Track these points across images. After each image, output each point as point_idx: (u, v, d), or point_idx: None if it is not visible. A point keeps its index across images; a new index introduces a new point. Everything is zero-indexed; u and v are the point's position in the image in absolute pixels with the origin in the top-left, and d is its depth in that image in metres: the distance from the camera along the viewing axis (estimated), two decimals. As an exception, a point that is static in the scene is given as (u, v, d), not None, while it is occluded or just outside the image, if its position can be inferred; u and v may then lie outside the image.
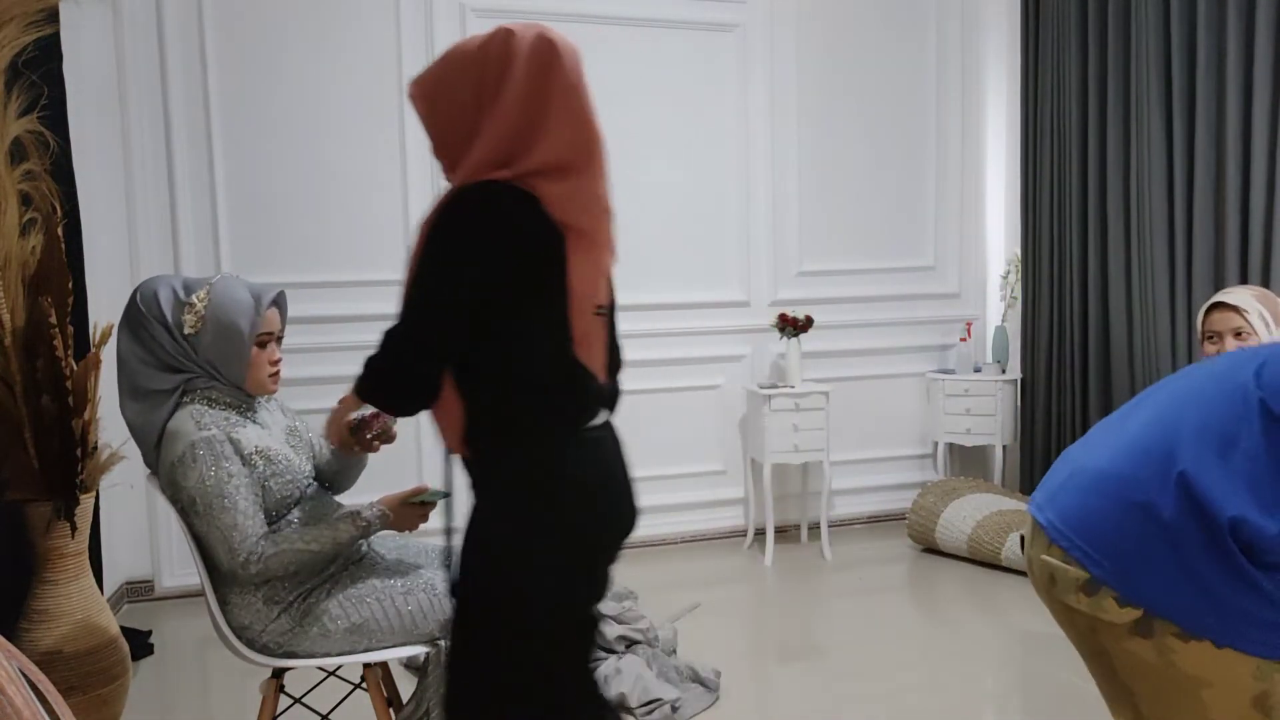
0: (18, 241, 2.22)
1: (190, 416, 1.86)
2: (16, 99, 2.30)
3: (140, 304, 1.90)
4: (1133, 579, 1.32)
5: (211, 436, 1.83)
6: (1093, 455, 1.46)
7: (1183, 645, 1.29)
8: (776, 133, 4.41)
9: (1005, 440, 4.44)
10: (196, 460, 1.81)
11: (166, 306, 1.89)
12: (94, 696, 2.20)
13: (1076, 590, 1.38)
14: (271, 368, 1.97)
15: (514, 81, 1.40)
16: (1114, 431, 1.47)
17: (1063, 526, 1.41)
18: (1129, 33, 3.92)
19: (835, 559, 4.13)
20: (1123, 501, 1.35)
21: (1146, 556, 1.31)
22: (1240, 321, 2.66)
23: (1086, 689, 2.76)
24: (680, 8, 4.23)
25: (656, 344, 4.29)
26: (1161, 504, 1.31)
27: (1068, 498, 1.43)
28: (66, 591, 2.24)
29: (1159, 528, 1.30)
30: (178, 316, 1.89)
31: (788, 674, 3.01)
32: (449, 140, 1.47)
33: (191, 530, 1.87)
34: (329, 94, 3.80)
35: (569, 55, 1.44)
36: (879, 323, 4.62)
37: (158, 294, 1.90)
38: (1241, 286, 3.03)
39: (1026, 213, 4.50)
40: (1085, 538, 1.37)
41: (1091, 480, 1.41)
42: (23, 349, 2.18)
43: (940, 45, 4.62)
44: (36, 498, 2.20)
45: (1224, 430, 1.31)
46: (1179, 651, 1.30)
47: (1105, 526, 1.36)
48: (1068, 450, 1.56)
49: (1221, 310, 2.70)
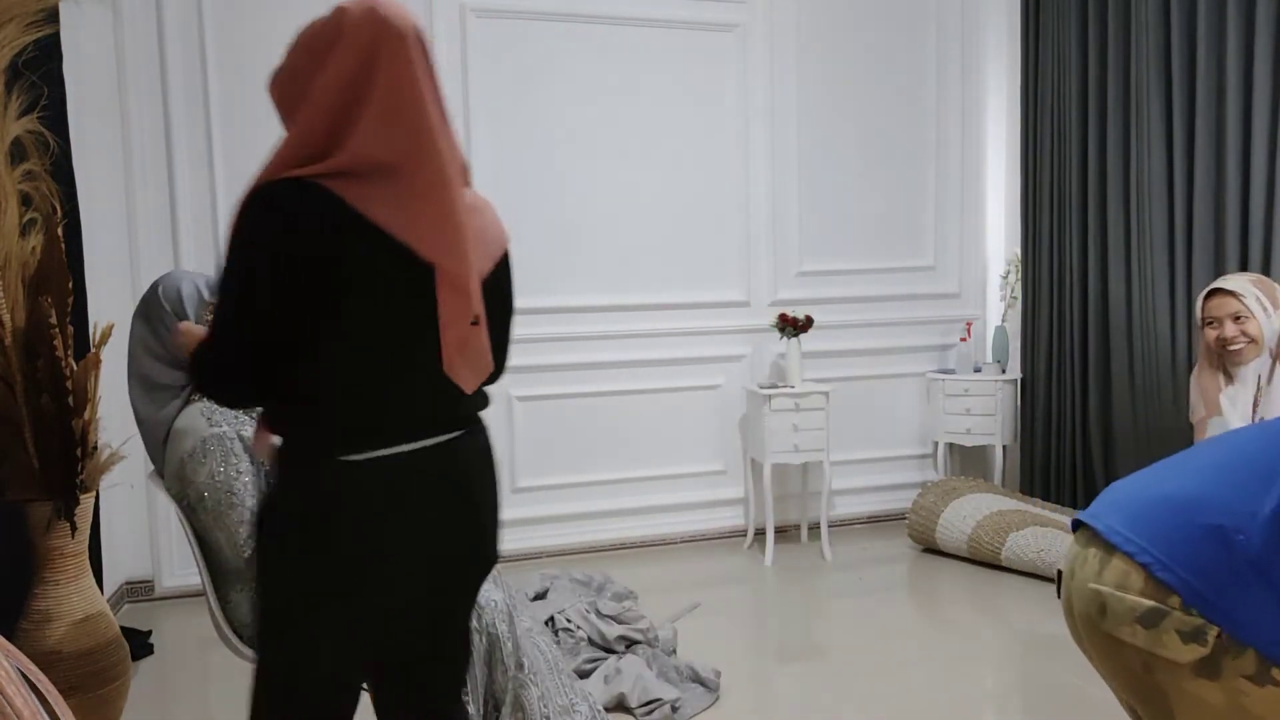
0: (18, 241, 2.22)
1: (200, 413, 1.86)
2: (16, 99, 2.30)
3: (162, 297, 1.90)
4: (1211, 591, 1.17)
5: (222, 433, 1.84)
6: (1156, 478, 1.32)
7: (1256, 689, 1.15)
8: (776, 133, 4.41)
9: (1005, 440, 4.44)
10: (207, 456, 1.82)
11: (190, 303, 1.89)
12: (94, 696, 2.20)
13: (1132, 622, 1.22)
14: None
15: (331, 65, 1.25)
16: (1181, 458, 1.35)
17: (1128, 531, 1.25)
18: (1129, 33, 3.92)
19: (835, 559, 4.13)
20: (1209, 508, 1.21)
21: (1232, 566, 1.17)
22: (1238, 306, 2.69)
23: (1086, 689, 2.76)
24: (680, 8, 4.23)
25: (657, 344, 4.29)
26: (1258, 513, 1.17)
27: (1134, 507, 1.29)
28: (66, 591, 2.24)
29: (1254, 536, 1.17)
30: (200, 314, 1.89)
31: (788, 674, 3.01)
32: None
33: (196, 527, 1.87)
34: (329, 94, 3.79)
35: (400, 39, 1.26)
36: (879, 323, 4.62)
37: (180, 289, 1.90)
38: (1238, 274, 3.05)
39: (1026, 213, 4.50)
40: (1157, 542, 1.22)
41: (1164, 493, 1.27)
42: (23, 349, 2.18)
43: (940, 45, 4.62)
44: (36, 498, 2.20)
45: None
46: (1252, 695, 1.15)
47: (1184, 532, 1.21)
48: (1116, 483, 1.41)
49: (1219, 296, 2.73)
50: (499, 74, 4.02)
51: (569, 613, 3.08)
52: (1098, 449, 4.19)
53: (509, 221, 1.54)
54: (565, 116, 4.12)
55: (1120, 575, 1.25)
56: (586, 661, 2.85)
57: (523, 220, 4.01)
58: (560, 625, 3.03)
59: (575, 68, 4.12)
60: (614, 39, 4.16)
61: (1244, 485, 1.21)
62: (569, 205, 4.14)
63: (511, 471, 4.12)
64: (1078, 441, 4.27)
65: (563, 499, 4.19)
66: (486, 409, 1.47)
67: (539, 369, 4.12)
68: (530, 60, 4.06)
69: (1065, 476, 4.32)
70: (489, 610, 2.09)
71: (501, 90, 4.03)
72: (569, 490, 4.20)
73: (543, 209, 4.11)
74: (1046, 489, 4.41)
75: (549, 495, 4.18)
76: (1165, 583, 1.20)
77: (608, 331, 4.22)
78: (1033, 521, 3.82)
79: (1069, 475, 4.31)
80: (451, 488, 1.37)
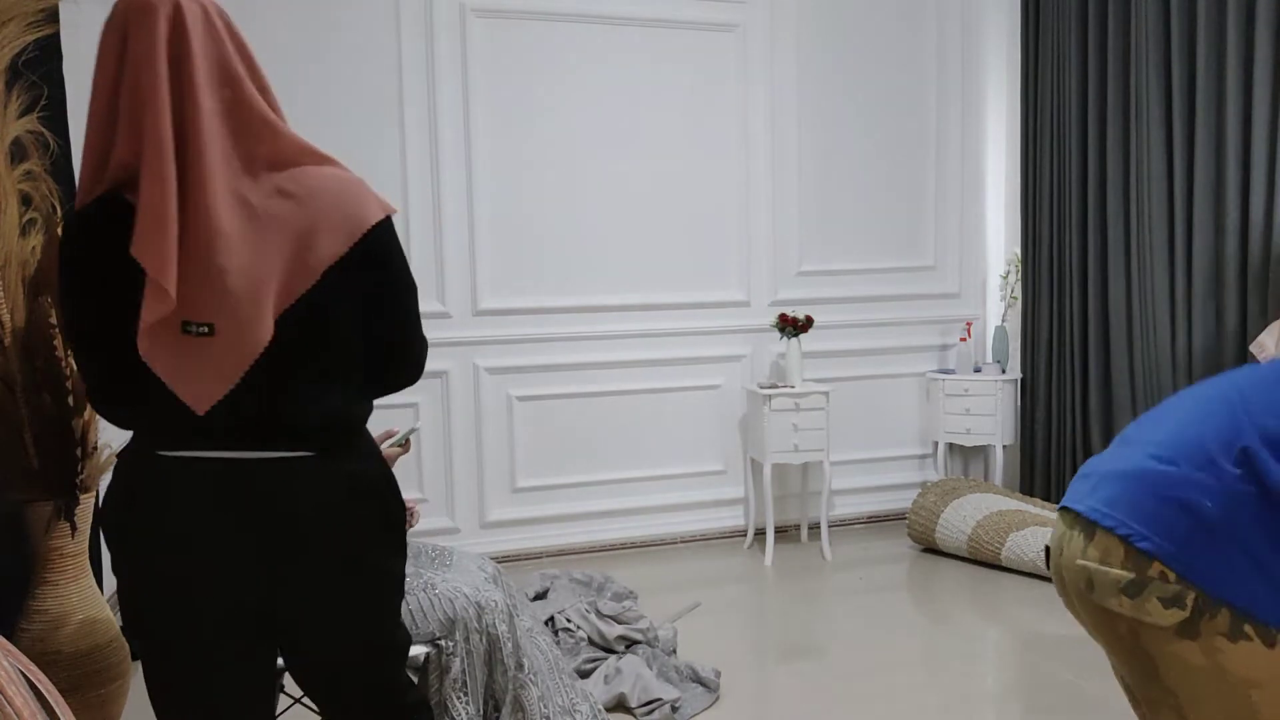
0: (18, 241, 2.22)
1: None
2: (16, 99, 2.30)
3: None
4: (1186, 554, 1.28)
5: None
6: (1124, 457, 1.42)
7: (1231, 646, 1.26)
8: (776, 132, 4.41)
9: (1005, 440, 4.44)
10: None
11: None
12: (94, 696, 2.20)
13: (1118, 593, 1.33)
14: None
15: (96, 66, 1.22)
16: (1146, 429, 1.44)
17: (1107, 509, 1.36)
18: (1129, 33, 3.92)
19: (835, 559, 4.13)
20: (1174, 482, 1.32)
21: (1203, 532, 1.28)
22: None
23: (1087, 689, 2.76)
24: (680, 8, 4.23)
25: (657, 344, 4.29)
26: (1218, 482, 1.28)
27: (1109, 488, 1.38)
28: (66, 591, 2.24)
29: (1216, 504, 1.28)
30: None
31: (788, 674, 3.01)
32: None
33: None
34: (328, 94, 3.80)
35: (135, 20, 1.21)
36: (879, 323, 4.62)
37: None
38: None
39: (1026, 213, 4.50)
40: (1134, 516, 1.32)
41: (1134, 470, 1.37)
42: (23, 349, 2.18)
43: (940, 45, 4.62)
44: (36, 498, 2.20)
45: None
46: (1227, 652, 1.27)
47: (1155, 505, 1.32)
48: (1089, 462, 1.51)
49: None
50: (499, 74, 4.02)
51: (569, 613, 3.08)
52: (1098, 449, 4.19)
53: (509, 221, 1.53)
54: (565, 116, 4.12)
55: (1103, 550, 1.35)
56: (586, 661, 2.85)
57: (523, 220, 4.01)
58: (560, 625, 3.03)
59: (575, 68, 4.12)
60: (614, 39, 4.16)
61: (1206, 454, 1.31)
62: (568, 205, 4.14)
63: (512, 471, 4.12)
64: (1078, 441, 4.27)
65: (563, 499, 4.19)
66: (319, 435, 1.32)
67: (539, 369, 4.12)
68: (530, 60, 4.06)
69: (1065, 477, 4.32)
70: (489, 610, 2.09)
71: (501, 90, 4.03)
72: (569, 490, 4.20)
73: (542, 209, 4.10)
74: (1046, 489, 4.41)
75: (549, 495, 4.18)
76: (1145, 551, 1.30)
77: (608, 331, 4.22)
78: (1033, 521, 3.82)
79: (1069, 475, 4.31)
80: (231, 507, 1.28)
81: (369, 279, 1.33)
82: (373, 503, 1.37)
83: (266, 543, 1.30)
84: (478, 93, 3.99)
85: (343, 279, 1.29)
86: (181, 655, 1.33)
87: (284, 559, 1.31)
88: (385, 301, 1.37)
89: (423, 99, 3.91)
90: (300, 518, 1.30)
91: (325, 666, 1.42)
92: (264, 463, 1.28)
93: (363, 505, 1.36)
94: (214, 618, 1.31)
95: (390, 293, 1.37)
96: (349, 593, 1.36)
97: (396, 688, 1.48)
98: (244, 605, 1.32)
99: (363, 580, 1.37)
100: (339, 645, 1.40)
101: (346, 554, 1.34)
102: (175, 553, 1.29)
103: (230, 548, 1.29)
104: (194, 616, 1.31)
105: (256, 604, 1.33)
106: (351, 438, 1.37)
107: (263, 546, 1.30)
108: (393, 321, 1.39)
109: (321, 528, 1.32)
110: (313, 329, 1.28)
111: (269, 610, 1.34)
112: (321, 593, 1.34)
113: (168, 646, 1.33)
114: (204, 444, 1.27)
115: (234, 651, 1.34)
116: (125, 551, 1.32)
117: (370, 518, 1.37)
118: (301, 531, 1.31)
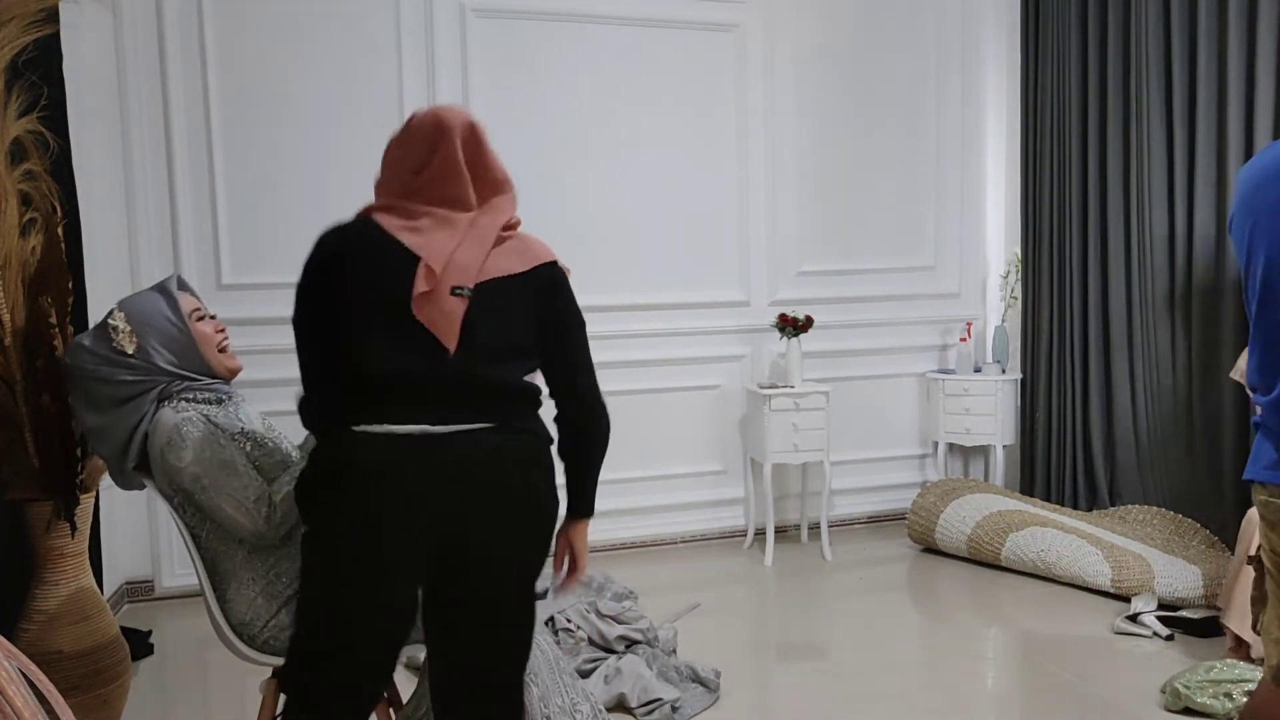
0: (18, 241, 2.22)
1: (169, 409, 1.88)
2: (16, 99, 2.30)
3: (79, 363, 1.89)
4: None
5: (191, 416, 1.86)
6: None
7: None
8: (776, 133, 4.41)
9: (1005, 440, 4.44)
10: (185, 437, 1.83)
11: (98, 346, 1.89)
12: (94, 696, 2.20)
13: None
14: (220, 338, 2.02)
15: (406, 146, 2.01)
16: None
17: (1253, 466, 1.67)
18: (1129, 33, 3.92)
19: (835, 559, 4.13)
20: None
21: None
22: None
23: (1087, 689, 2.77)
24: (680, 8, 4.23)
25: (656, 344, 4.29)
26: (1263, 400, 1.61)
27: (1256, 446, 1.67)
28: (66, 591, 2.24)
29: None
30: (114, 344, 1.89)
31: (788, 674, 3.01)
32: None
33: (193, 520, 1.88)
34: (328, 94, 3.80)
35: (450, 131, 1.89)
36: (879, 323, 4.62)
37: (82, 345, 1.90)
38: None
39: (1026, 213, 4.50)
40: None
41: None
42: (23, 349, 2.18)
43: (940, 45, 4.62)
44: (36, 498, 2.20)
45: None
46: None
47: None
48: None
49: None
50: (498, 74, 4.02)
51: (569, 613, 3.08)
52: (1098, 449, 4.19)
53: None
54: (564, 116, 4.12)
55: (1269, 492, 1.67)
56: (586, 661, 2.85)
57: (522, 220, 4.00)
58: (560, 625, 3.03)
59: (575, 68, 4.12)
60: (613, 39, 4.16)
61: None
62: (568, 205, 4.14)
63: (511, 471, 4.12)
64: (1078, 441, 4.27)
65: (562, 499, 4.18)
66: (513, 415, 1.78)
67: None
68: (530, 60, 4.06)
69: (1065, 476, 4.33)
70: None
71: (501, 90, 4.03)
72: (569, 490, 4.19)
73: (542, 209, 4.09)
74: (1047, 489, 4.41)
75: (549, 495, 4.17)
76: None
77: (607, 331, 4.21)
78: (1033, 521, 3.82)
79: (1069, 475, 4.31)
80: (433, 465, 1.59)
81: (504, 298, 1.93)
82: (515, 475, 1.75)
83: (452, 502, 1.62)
84: (477, 93, 3.99)
85: (493, 290, 1.91)
86: (364, 574, 1.57)
87: (482, 504, 1.66)
88: (510, 319, 1.97)
89: (423, 99, 3.91)
90: (481, 489, 1.67)
91: (485, 595, 1.71)
92: (459, 435, 1.66)
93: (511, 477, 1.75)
94: (403, 548, 1.58)
95: (514, 312, 2.01)
96: (535, 532, 1.80)
97: (524, 659, 1.83)
98: (430, 540, 1.61)
99: (545, 524, 1.82)
100: (512, 572, 1.76)
101: (536, 501, 1.79)
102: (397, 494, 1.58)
103: (432, 506, 1.60)
104: (401, 547, 1.58)
105: (447, 538, 1.62)
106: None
107: (446, 505, 1.61)
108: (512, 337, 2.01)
109: (490, 495, 1.68)
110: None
111: (460, 544, 1.63)
112: (512, 529, 1.73)
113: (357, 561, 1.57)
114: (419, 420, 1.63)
115: (409, 578, 1.63)
116: (346, 491, 1.57)
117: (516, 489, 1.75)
118: (468, 495, 1.65)
